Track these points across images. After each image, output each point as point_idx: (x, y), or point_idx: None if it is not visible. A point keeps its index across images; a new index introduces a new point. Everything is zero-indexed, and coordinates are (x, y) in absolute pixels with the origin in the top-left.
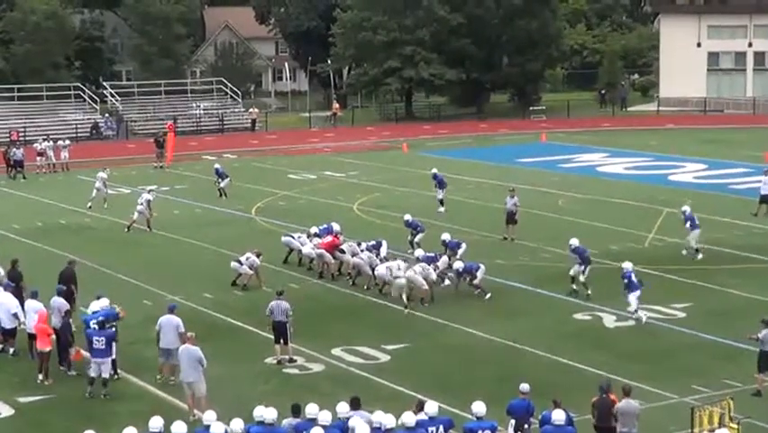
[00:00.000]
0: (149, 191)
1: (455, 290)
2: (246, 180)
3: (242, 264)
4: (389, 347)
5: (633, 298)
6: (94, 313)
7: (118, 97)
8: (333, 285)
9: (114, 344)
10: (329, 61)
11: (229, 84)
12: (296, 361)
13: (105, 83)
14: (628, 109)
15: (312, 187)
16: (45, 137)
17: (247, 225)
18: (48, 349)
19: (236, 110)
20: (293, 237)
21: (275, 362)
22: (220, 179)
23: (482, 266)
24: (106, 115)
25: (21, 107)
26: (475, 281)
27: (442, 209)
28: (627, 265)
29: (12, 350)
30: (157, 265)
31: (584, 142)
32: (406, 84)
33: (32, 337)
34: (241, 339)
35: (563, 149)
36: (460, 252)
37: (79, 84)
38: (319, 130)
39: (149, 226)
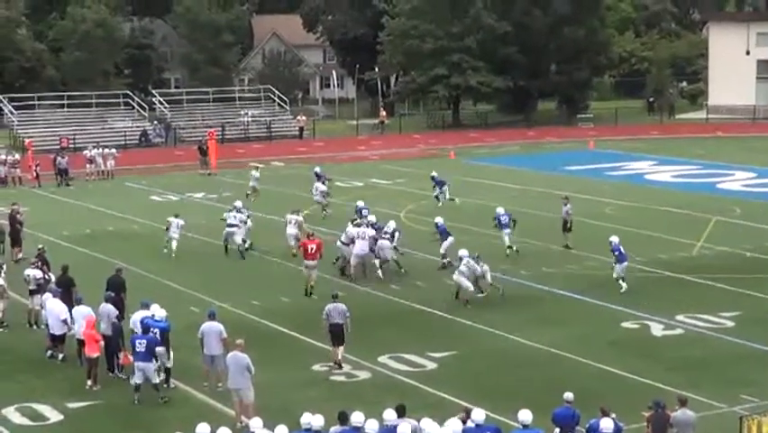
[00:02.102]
0: (176, 216)
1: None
2: (292, 188)
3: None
4: (435, 355)
5: (620, 268)
6: (155, 320)
7: (167, 105)
8: (379, 292)
9: (158, 350)
10: (376, 69)
11: (277, 91)
12: (342, 368)
13: (153, 91)
14: (677, 117)
15: (358, 194)
16: (95, 144)
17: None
18: (96, 355)
19: (284, 117)
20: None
21: (330, 365)
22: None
23: (486, 266)
24: (155, 122)
25: (70, 115)
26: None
27: (440, 204)
28: (615, 239)
29: (61, 356)
30: (204, 273)
31: (632, 150)
32: (454, 91)
33: (80, 343)
34: (288, 346)
35: (611, 157)
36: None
37: (128, 92)
38: (366, 137)
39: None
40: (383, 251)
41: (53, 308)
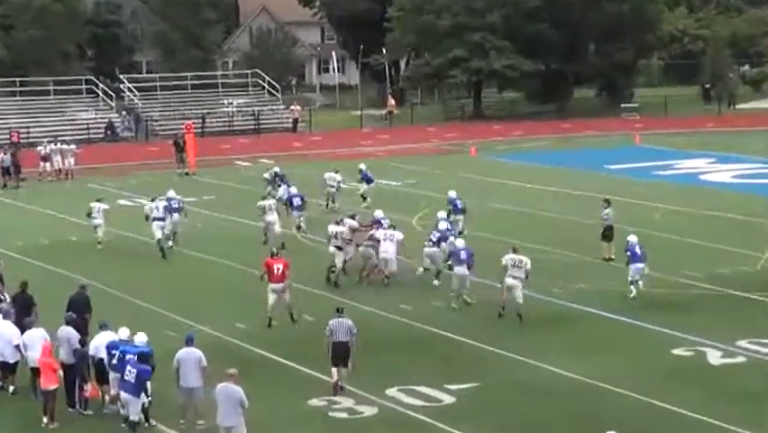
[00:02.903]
0: (98, 200)
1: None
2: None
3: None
4: (454, 387)
5: (632, 270)
6: (133, 346)
7: (137, 93)
8: (386, 312)
9: (148, 385)
10: (384, 50)
11: (267, 77)
12: (343, 390)
13: (121, 76)
14: (737, 107)
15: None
16: (52, 139)
17: (287, 243)
18: (54, 387)
19: (275, 107)
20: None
21: (329, 399)
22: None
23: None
24: (123, 113)
25: (23, 104)
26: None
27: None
28: (632, 238)
29: (12, 388)
30: (182, 290)
31: (685, 146)
32: (475, 76)
33: (35, 373)
34: (280, 376)
35: (660, 153)
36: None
37: (92, 77)
38: (372, 130)
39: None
40: (432, 258)
41: (4, 331)
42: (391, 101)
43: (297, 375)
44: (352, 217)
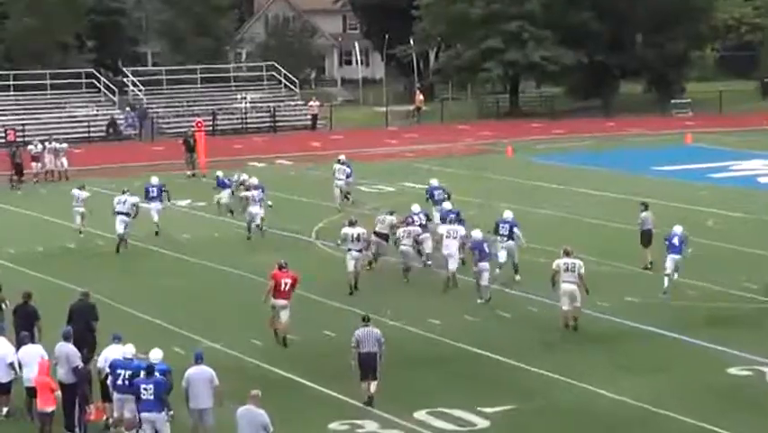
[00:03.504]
0: (80, 188)
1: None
2: (304, 194)
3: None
4: (489, 410)
5: (668, 262)
6: (129, 361)
7: (142, 87)
8: (414, 327)
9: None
10: (412, 41)
11: (283, 70)
12: (372, 405)
13: (125, 69)
14: None
15: (389, 202)
16: (47, 138)
17: (305, 251)
18: (51, 409)
19: (292, 103)
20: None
21: (353, 423)
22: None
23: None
24: (127, 109)
25: (18, 100)
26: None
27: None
28: (677, 229)
29: (5, 409)
30: (191, 302)
31: (742, 146)
32: (511, 70)
33: (31, 393)
34: (299, 397)
35: (714, 154)
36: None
37: (93, 70)
38: (398, 129)
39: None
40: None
41: None
42: (419, 96)
43: (317, 396)
44: (391, 214)
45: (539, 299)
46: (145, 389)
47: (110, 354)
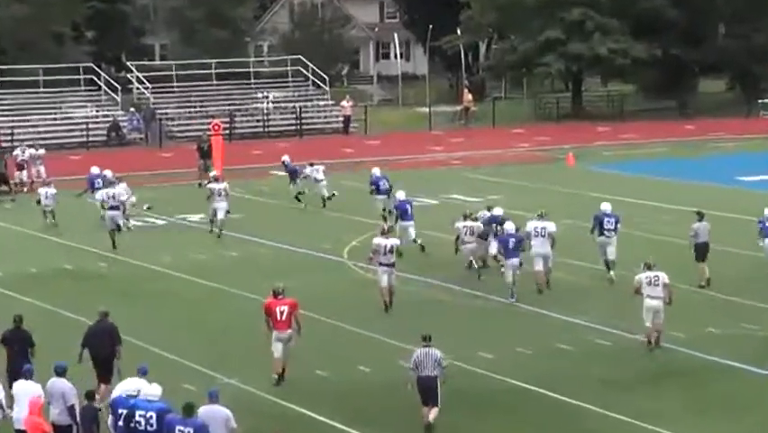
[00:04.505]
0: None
1: None
2: (334, 207)
3: None
4: None
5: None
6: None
7: (148, 84)
8: (462, 362)
9: None
10: (459, 32)
11: (311, 65)
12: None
13: (129, 63)
14: None
15: (432, 217)
16: (31, 144)
17: (335, 273)
18: None
19: (321, 103)
20: None
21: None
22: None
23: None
24: (131, 109)
25: (6, 99)
26: None
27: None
28: None
29: None
30: (202, 332)
31: None
32: (573, 64)
33: None
34: None
35: None
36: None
37: (92, 64)
38: (444, 133)
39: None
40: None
41: None
42: (468, 95)
43: None
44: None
45: (605, 329)
46: (181, 431)
47: (124, 388)
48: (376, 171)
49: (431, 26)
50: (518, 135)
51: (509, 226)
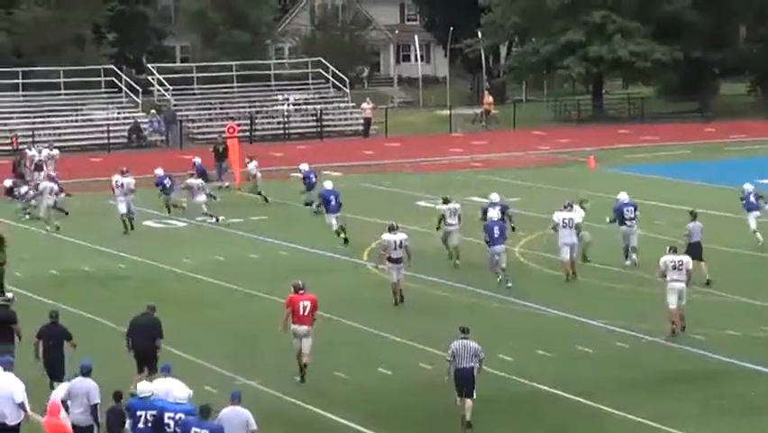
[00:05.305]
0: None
1: None
2: (354, 210)
3: None
4: None
5: (751, 219)
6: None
7: (169, 86)
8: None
9: None
10: (480, 34)
11: (331, 66)
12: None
13: (150, 65)
14: None
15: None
16: (47, 144)
17: (353, 275)
18: None
19: (341, 105)
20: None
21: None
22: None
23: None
24: (152, 111)
25: (28, 100)
26: None
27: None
28: (747, 186)
29: None
30: (223, 334)
31: None
32: (594, 67)
33: None
34: None
35: None
36: None
37: (113, 67)
38: (464, 135)
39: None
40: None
41: (3, 385)
42: (488, 98)
43: None
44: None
45: (624, 331)
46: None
47: (155, 389)
48: (304, 166)
49: (451, 28)
50: (539, 138)
51: (493, 214)
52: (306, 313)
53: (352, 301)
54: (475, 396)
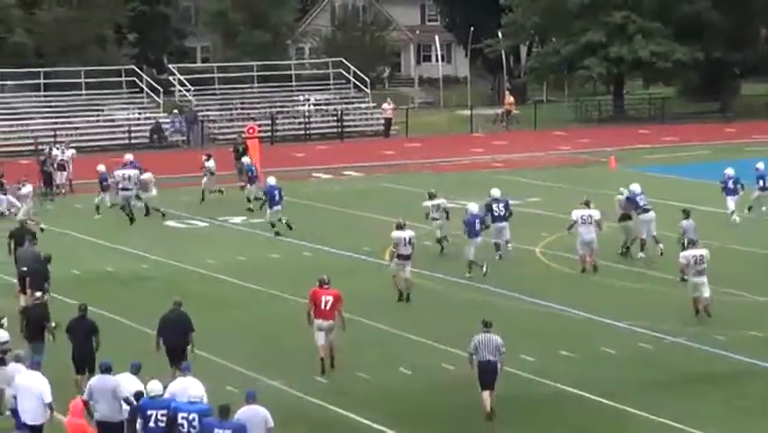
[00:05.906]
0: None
1: None
2: (376, 210)
3: None
4: None
5: (730, 201)
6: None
7: (190, 87)
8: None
9: None
10: (500, 34)
11: (352, 67)
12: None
13: (171, 66)
14: None
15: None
16: (64, 143)
17: (377, 276)
18: None
19: (362, 106)
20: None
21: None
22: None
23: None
24: (173, 111)
25: (49, 101)
26: None
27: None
28: (729, 171)
29: None
30: (247, 334)
31: None
32: (615, 67)
33: None
34: None
35: None
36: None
37: (134, 67)
38: (485, 135)
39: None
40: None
41: (31, 385)
42: (509, 98)
43: None
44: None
45: (647, 332)
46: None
47: (175, 388)
48: (246, 160)
49: (472, 28)
50: (560, 138)
51: (473, 208)
52: (327, 307)
53: (374, 302)
54: (496, 390)
